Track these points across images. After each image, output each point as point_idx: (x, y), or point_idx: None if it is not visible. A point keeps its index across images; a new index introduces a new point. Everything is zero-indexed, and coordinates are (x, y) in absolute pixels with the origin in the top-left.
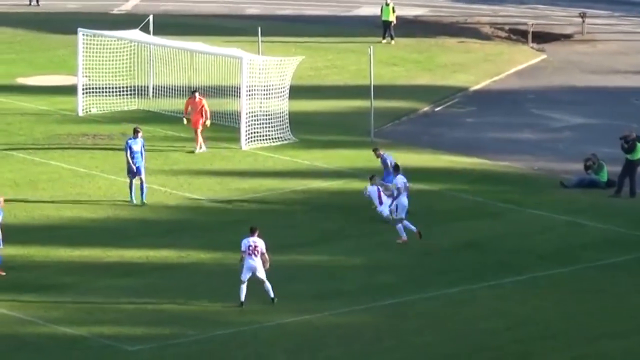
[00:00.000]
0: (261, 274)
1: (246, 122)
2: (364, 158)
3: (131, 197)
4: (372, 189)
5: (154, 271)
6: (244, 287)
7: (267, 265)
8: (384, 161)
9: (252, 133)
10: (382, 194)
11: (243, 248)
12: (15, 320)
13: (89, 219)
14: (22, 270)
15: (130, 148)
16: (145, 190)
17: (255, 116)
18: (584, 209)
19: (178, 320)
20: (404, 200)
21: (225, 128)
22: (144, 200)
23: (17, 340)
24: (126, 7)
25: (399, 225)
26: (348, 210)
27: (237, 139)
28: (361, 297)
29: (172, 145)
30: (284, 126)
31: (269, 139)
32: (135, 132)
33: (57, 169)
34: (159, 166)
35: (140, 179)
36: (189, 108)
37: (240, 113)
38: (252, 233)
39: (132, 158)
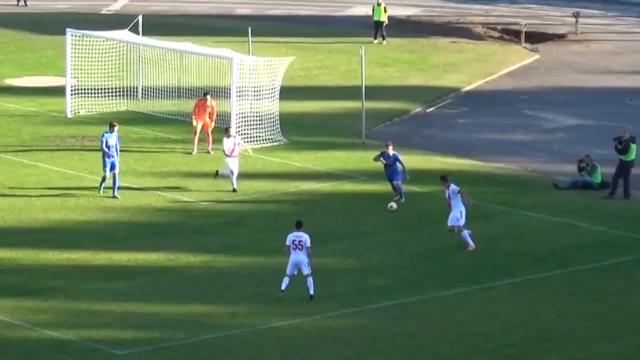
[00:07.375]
0: (305, 268)
1: (236, 124)
2: (355, 159)
3: (100, 189)
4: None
5: (143, 274)
6: (286, 279)
7: (312, 260)
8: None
9: (242, 134)
10: None
11: (288, 242)
12: (2, 324)
13: (78, 221)
14: (9, 273)
15: (106, 141)
16: (117, 184)
17: (245, 117)
18: (578, 211)
19: (167, 323)
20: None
21: (215, 129)
22: (116, 194)
23: (4, 345)
24: (115, 8)
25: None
26: (340, 212)
27: None
28: (354, 299)
29: (162, 147)
30: (275, 127)
31: (260, 141)
32: (112, 126)
33: (45, 171)
34: (149, 168)
35: (114, 174)
36: (197, 110)
37: (230, 114)
38: (297, 228)
39: (108, 150)
